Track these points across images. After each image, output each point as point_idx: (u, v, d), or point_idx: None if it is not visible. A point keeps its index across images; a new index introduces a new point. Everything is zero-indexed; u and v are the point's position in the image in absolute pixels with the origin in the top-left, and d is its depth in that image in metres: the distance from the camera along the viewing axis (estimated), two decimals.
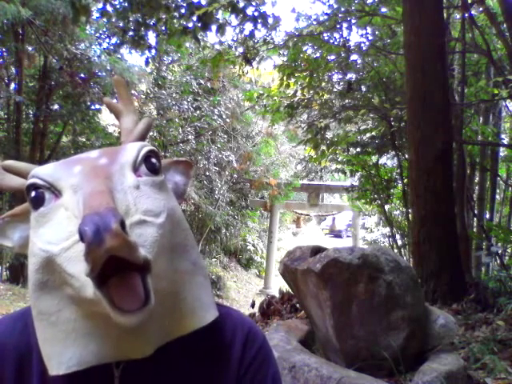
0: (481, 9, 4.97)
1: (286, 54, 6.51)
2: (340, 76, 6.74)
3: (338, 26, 5.85)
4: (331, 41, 6.11)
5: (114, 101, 0.81)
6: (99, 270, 0.50)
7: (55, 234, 0.57)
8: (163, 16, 5.19)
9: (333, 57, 6.24)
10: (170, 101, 11.51)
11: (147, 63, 9.15)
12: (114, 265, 0.50)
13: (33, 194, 0.61)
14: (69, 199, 0.58)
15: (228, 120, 12.60)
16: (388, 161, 7.55)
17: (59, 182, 0.60)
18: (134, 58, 20.75)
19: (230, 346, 0.71)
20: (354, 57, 6.29)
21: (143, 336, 0.59)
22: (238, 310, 0.82)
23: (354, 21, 5.85)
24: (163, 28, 5.42)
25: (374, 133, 6.52)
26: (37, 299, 0.61)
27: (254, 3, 5.22)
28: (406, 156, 5.47)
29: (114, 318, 0.52)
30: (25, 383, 0.66)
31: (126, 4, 5.04)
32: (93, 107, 10.05)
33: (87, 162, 0.62)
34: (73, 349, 0.59)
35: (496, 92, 5.15)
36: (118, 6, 5.37)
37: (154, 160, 0.66)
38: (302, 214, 20.85)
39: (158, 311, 0.58)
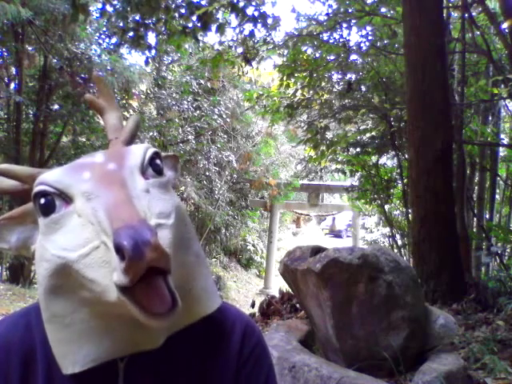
0: (480, 9, 4.97)
1: (285, 54, 6.51)
2: (340, 76, 6.74)
3: (338, 26, 5.85)
4: (331, 41, 6.11)
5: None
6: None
7: (70, 241, 0.58)
8: (163, 16, 5.19)
9: (332, 57, 6.24)
10: (169, 101, 11.52)
11: (147, 63, 9.16)
12: None
13: (42, 201, 0.61)
14: (82, 206, 0.58)
15: (228, 120, 12.60)
16: (388, 161, 7.55)
17: (70, 189, 0.60)
18: (134, 58, 20.76)
19: (230, 338, 0.74)
20: (353, 57, 6.29)
21: (154, 329, 0.61)
22: (234, 306, 0.84)
23: (353, 21, 5.85)
24: (163, 28, 5.43)
25: (373, 133, 6.53)
26: (49, 303, 0.62)
27: (253, 3, 5.22)
28: (406, 156, 5.47)
29: (144, 321, 0.53)
30: (30, 380, 0.67)
31: (126, 4, 5.04)
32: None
33: (95, 167, 0.62)
34: (87, 347, 0.61)
35: (496, 92, 5.15)
36: (117, 6, 5.37)
37: (158, 161, 0.67)
38: (302, 214, 20.86)
39: None
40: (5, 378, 0.66)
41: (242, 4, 5.08)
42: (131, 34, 5.26)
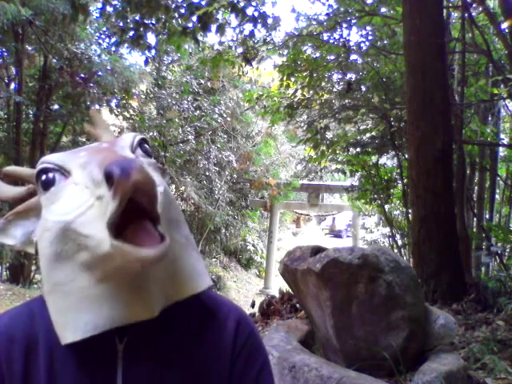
0: (481, 9, 4.97)
1: (285, 54, 6.51)
2: (340, 76, 6.74)
3: (338, 26, 5.85)
4: (331, 41, 6.11)
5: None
6: (123, 209, 0.55)
7: (68, 206, 0.62)
8: (163, 16, 5.18)
9: (332, 57, 6.24)
10: (170, 100, 11.51)
11: (146, 63, 9.17)
12: (129, 217, 0.57)
13: (43, 177, 0.66)
14: (78, 175, 0.63)
15: (228, 119, 12.60)
16: (388, 161, 7.54)
17: (68, 164, 0.65)
18: (134, 58, 20.81)
19: (224, 328, 0.76)
20: (353, 57, 6.29)
21: (150, 297, 0.64)
22: (228, 298, 0.89)
23: (353, 21, 5.85)
24: (163, 28, 5.42)
25: (373, 133, 6.52)
26: (50, 272, 0.65)
27: (253, 3, 5.22)
28: (406, 156, 5.47)
29: (135, 254, 0.56)
30: (32, 368, 0.69)
31: (125, 4, 5.04)
32: (93, 107, 10.04)
33: (90, 147, 0.69)
34: (87, 315, 0.63)
35: (496, 92, 5.15)
36: (117, 6, 5.37)
37: (146, 146, 0.74)
38: (302, 214, 20.85)
39: (160, 275, 0.64)
40: (7, 365, 0.68)
41: (242, 4, 5.07)
42: (131, 33, 5.26)
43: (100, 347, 0.66)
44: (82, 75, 9.50)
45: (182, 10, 5.19)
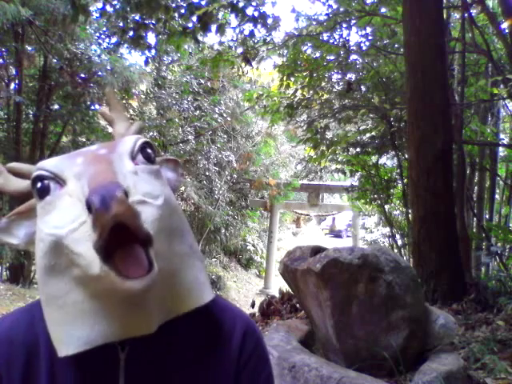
0: (480, 9, 4.97)
1: (285, 54, 6.51)
2: (340, 76, 6.74)
3: (338, 26, 5.85)
4: (331, 41, 6.11)
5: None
6: (106, 239, 0.53)
7: (61, 219, 0.61)
8: (163, 16, 5.19)
9: (332, 57, 6.24)
10: (170, 101, 11.51)
11: (146, 63, 9.17)
12: (119, 239, 0.54)
13: (39, 184, 0.65)
14: (73, 186, 0.62)
15: (228, 119, 12.60)
16: (388, 161, 7.55)
17: (63, 173, 0.64)
18: (134, 58, 20.80)
19: (230, 336, 0.74)
20: (353, 57, 6.29)
21: (146, 313, 0.62)
22: (235, 305, 0.85)
23: (353, 21, 5.85)
24: (163, 28, 5.42)
25: (373, 133, 6.52)
26: (45, 284, 0.64)
27: (253, 3, 5.22)
28: (406, 156, 5.47)
29: (120, 285, 0.55)
30: (33, 375, 0.68)
31: (126, 4, 5.04)
32: (93, 107, 10.05)
33: (88, 153, 0.67)
34: (81, 329, 0.62)
35: (495, 92, 5.15)
36: (117, 6, 5.38)
37: (149, 150, 0.70)
38: (302, 214, 20.85)
39: (158, 289, 0.61)
40: (7, 369, 0.68)
41: (241, 4, 5.07)
42: (131, 33, 5.26)
43: (102, 355, 0.65)
44: (82, 75, 9.50)
45: (182, 10, 5.19)
